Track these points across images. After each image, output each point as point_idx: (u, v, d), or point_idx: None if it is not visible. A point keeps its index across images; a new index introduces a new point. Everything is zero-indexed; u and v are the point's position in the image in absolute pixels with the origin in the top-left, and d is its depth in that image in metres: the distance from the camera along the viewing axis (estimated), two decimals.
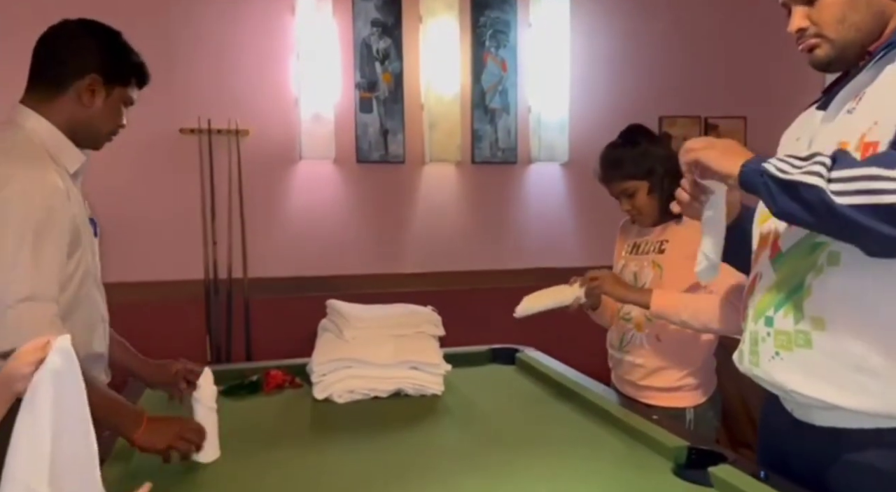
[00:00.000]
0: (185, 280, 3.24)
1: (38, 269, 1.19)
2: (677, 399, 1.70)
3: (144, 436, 1.23)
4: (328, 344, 1.78)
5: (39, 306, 1.18)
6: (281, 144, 3.40)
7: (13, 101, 1.39)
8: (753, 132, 4.06)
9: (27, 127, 1.32)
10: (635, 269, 1.78)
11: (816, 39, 1.11)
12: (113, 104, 1.37)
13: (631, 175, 1.70)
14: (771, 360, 1.11)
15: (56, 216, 1.24)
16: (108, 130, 1.40)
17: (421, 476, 1.25)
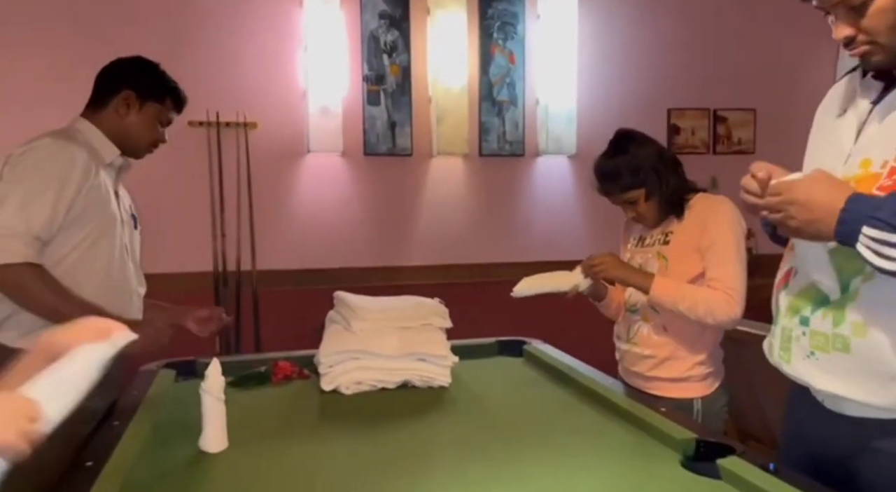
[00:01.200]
0: (194, 272, 3.26)
1: (24, 209, 1.44)
2: (685, 390, 1.69)
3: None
4: (336, 336, 1.78)
5: (14, 239, 1.42)
6: (289, 136, 3.40)
7: None
8: (763, 124, 4.02)
9: (76, 127, 1.66)
10: (640, 260, 1.78)
11: (869, 46, 1.06)
12: (147, 118, 1.68)
13: (629, 186, 1.70)
14: (805, 359, 1.10)
15: (60, 173, 1.48)
16: (145, 142, 1.70)
17: (428, 466, 1.25)
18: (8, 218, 1.43)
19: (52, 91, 3.03)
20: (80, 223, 1.52)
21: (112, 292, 1.59)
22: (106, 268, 1.59)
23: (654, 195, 1.71)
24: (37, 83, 3.07)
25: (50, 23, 3.10)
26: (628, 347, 1.79)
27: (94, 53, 3.04)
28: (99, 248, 1.57)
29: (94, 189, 1.55)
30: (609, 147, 1.75)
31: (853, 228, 0.97)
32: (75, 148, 1.54)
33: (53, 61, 3.08)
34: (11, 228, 1.42)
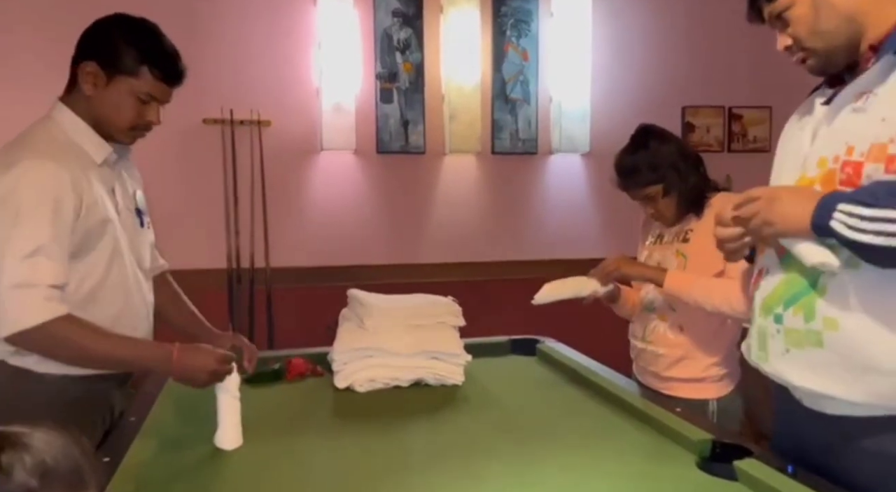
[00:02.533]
0: (208, 269, 3.27)
1: (28, 258, 1.23)
2: (701, 390, 1.68)
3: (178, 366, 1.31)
4: (349, 333, 1.79)
5: (29, 291, 1.23)
6: (302, 134, 3.41)
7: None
8: (779, 123, 3.96)
9: (56, 119, 1.37)
10: (659, 258, 1.77)
11: (803, 53, 1.16)
12: (117, 94, 1.35)
13: (647, 182, 1.69)
14: (781, 356, 1.11)
15: (53, 202, 1.26)
16: (121, 125, 1.38)
17: (442, 465, 1.25)
18: (15, 272, 1.22)
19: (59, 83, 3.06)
20: (83, 251, 1.32)
21: (131, 313, 1.43)
22: (124, 293, 1.41)
23: (672, 192, 1.69)
24: (49, 83, 3.10)
25: (62, 19, 3.13)
26: (644, 346, 1.78)
27: None
28: (113, 274, 1.38)
29: (89, 210, 1.31)
30: (629, 142, 1.74)
31: (829, 208, 1.00)
32: (58, 168, 1.28)
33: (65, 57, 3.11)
34: (23, 282, 1.22)
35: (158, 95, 1.39)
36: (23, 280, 1.22)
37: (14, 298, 1.22)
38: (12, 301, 1.23)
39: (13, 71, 3.08)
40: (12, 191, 1.25)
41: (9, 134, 1.40)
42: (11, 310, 1.23)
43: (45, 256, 1.24)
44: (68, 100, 1.39)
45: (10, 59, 3.08)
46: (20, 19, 3.09)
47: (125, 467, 1.14)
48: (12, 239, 1.23)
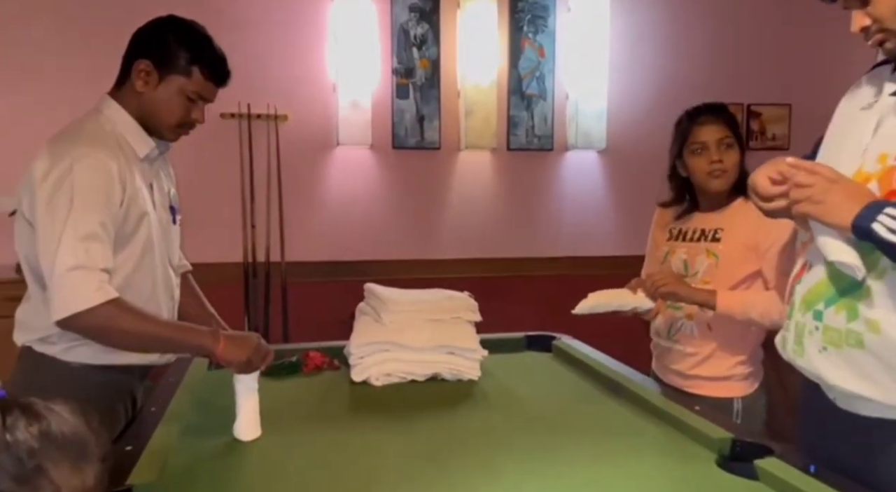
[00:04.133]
0: (224, 263, 3.30)
1: (83, 241, 1.27)
2: (726, 389, 1.67)
3: (224, 352, 1.33)
4: (366, 327, 1.79)
5: (86, 273, 1.27)
6: (319, 129, 3.42)
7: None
8: (799, 120, 3.93)
9: (104, 114, 1.42)
10: (685, 256, 1.73)
11: (881, 34, 1.09)
12: (170, 93, 1.40)
13: (732, 127, 1.67)
14: (818, 353, 1.09)
15: (102, 194, 1.32)
16: (169, 123, 1.44)
17: (459, 459, 1.25)
18: (70, 255, 1.25)
19: (84, 88, 3.09)
20: (121, 241, 1.36)
21: (156, 305, 1.46)
22: (152, 286, 1.45)
23: (739, 161, 1.66)
24: (68, 71, 3.13)
25: (82, 11, 3.16)
26: (669, 345, 1.76)
27: (122, 49, 3.12)
28: (144, 265, 1.42)
29: (131, 200, 1.37)
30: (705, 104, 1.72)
31: (876, 211, 0.98)
32: (106, 156, 1.34)
33: (84, 48, 3.14)
34: (80, 264, 1.26)
35: (206, 95, 1.45)
36: (78, 263, 1.26)
37: (70, 281, 1.26)
38: (68, 284, 1.26)
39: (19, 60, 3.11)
40: (67, 178, 1.29)
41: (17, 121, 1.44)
42: (67, 292, 1.26)
43: (97, 240, 1.29)
44: (117, 95, 1.44)
45: (18, 49, 3.11)
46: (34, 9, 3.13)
47: (147, 455, 1.15)
48: (68, 224, 1.27)
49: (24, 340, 1.42)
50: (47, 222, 1.28)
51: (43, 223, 1.29)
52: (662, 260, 1.76)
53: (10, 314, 2.68)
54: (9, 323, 1.57)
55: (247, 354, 1.33)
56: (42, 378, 1.38)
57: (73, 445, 0.73)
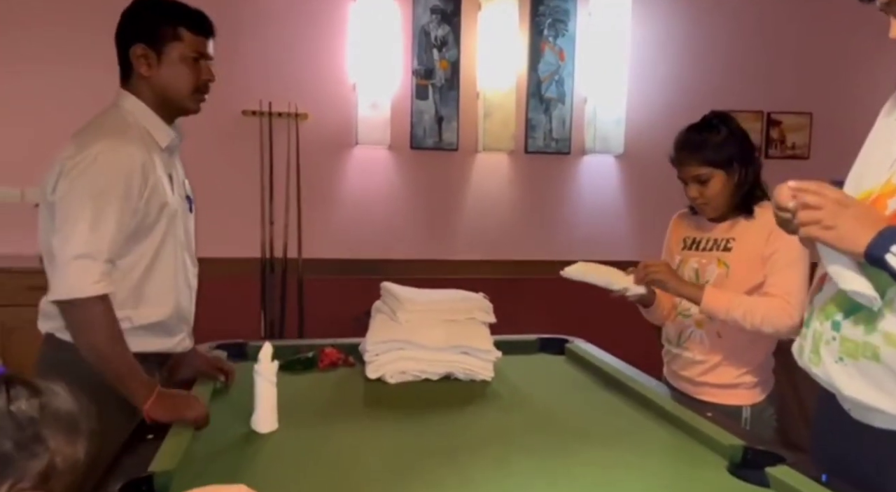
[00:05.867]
0: (242, 258, 3.34)
1: (95, 231, 1.33)
2: (734, 397, 1.67)
3: (153, 407, 1.32)
4: (382, 325, 1.81)
5: (90, 263, 1.32)
6: (338, 128, 3.46)
7: None
8: (819, 129, 3.91)
9: (124, 107, 1.47)
10: (696, 266, 1.73)
11: None
12: (174, 63, 1.44)
13: (709, 161, 1.64)
14: (834, 363, 1.09)
15: (122, 186, 1.36)
16: (187, 90, 1.47)
17: (470, 457, 1.27)
18: (80, 244, 1.31)
19: (108, 82, 3.15)
20: (142, 232, 1.41)
21: (176, 297, 1.51)
22: (173, 274, 1.50)
23: (729, 184, 1.65)
24: (88, 74, 3.18)
25: (103, 14, 3.21)
26: (679, 352, 1.76)
27: None
28: (164, 254, 1.46)
29: (153, 190, 1.42)
30: (701, 120, 1.70)
31: (889, 239, 0.97)
32: (132, 147, 1.39)
33: (103, 54, 3.19)
34: (86, 254, 1.31)
35: (203, 51, 1.48)
36: (85, 252, 1.31)
37: (73, 269, 1.31)
38: (72, 271, 1.32)
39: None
40: (91, 168, 1.34)
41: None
42: (69, 278, 1.32)
43: (109, 231, 1.34)
44: (128, 86, 1.48)
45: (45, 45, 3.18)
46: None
47: (168, 445, 1.18)
48: (85, 212, 1.32)
49: (47, 328, 1.47)
50: (66, 208, 1.34)
51: (61, 208, 1.34)
52: (676, 269, 1.76)
53: (34, 303, 2.75)
54: (32, 311, 1.63)
55: (171, 417, 1.31)
56: (63, 364, 1.39)
57: (67, 418, 0.79)
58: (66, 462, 0.78)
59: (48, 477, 0.77)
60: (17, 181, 3.20)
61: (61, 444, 0.78)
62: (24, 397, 0.77)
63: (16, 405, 0.76)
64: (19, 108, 3.16)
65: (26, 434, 0.75)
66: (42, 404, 0.77)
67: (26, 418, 0.76)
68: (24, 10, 3.17)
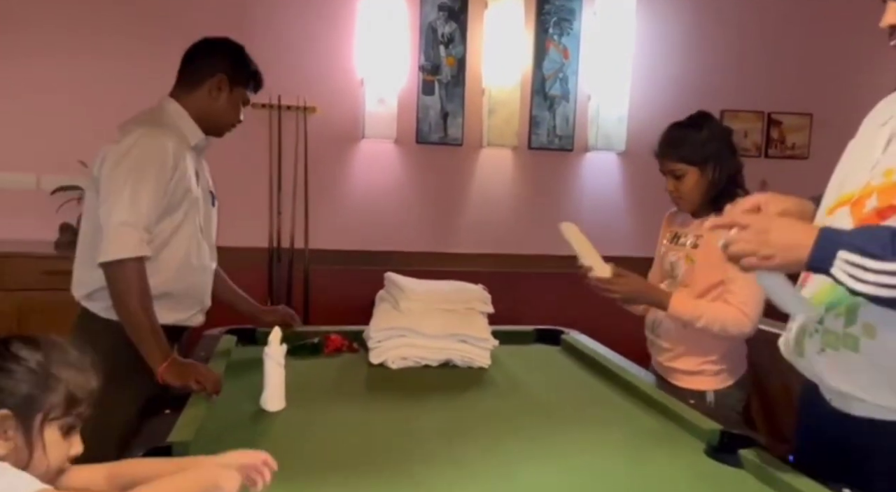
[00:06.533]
0: (250, 247, 3.43)
1: (135, 202, 1.55)
2: (698, 382, 1.77)
3: (166, 371, 1.48)
4: (385, 314, 1.90)
5: (130, 230, 1.54)
6: (345, 122, 3.53)
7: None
8: (819, 130, 3.96)
9: (167, 109, 1.72)
10: (673, 259, 1.84)
11: None
12: (234, 101, 1.74)
13: (685, 158, 1.72)
14: (816, 354, 1.15)
15: (157, 166, 1.58)
16: (228, 122, 1.77)
17: (465, 438, 1.35)
18: (125, 212, 1.52)
19: (122, 73, 3.24)
20: (167, 211, 1.61)
21: (188, 273, 1.68)
22: (185, 252, 1.67)
23: (703, 181, 1.73)
24: (103, 65, 3.27)
25: (119, 9, 3.30)
26: (653, 339, 1.86)
27: (159, 36, 3.24)
28: (181, 233, 1.65)
29: (181, 175, 1.63)
30: (686, 118, 1.79)
31: (829, 252, 1.00)
32: (166, 137, 1.61)
33: (118, 44, 3.28)
34: (129, 222, 1.52)
35: (248, 101, 1.80)
36: (128, 220, 1.54)
37: (119, 233, 1.53)
38: (117, 235, 1.53)
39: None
40: (133, 149, 1.58)
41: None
42: (115, 242, 1.53)
43: (146, 203, 1.56)
44: (177, 95, 1.74)
45: None
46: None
47: (184, 418, 1.27)
48: (127, 185, 1.55)
49: (78, 296, 1.69)
50: (111, 182, 1.56)
51: (107, 182, 1.57)
52: (661, 259, 1.87)
53: (51, 287, 2.85)
54: (47, 295, 1.76)
55: (180, 381, 1.46)
56: (90, 334, 1.57)
57: (71, 354, 0.91)
58: (82, 390, 0.89)
59: (71, 405, 0.87)
60: (32, 169, 3.30)
61: (72, 375, 0.88)
62: (25, 348, 0.87)
63: (21, 354, 0.87)
64: (35, 99, 3.25)
65: (38, 374, 0.86)
66: (44, 350, 0.88)
67: (34, 361, 0.86)
68: (40, 3, 3.25)
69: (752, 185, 4.08)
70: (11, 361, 0.86)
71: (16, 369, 0.86)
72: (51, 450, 0.86)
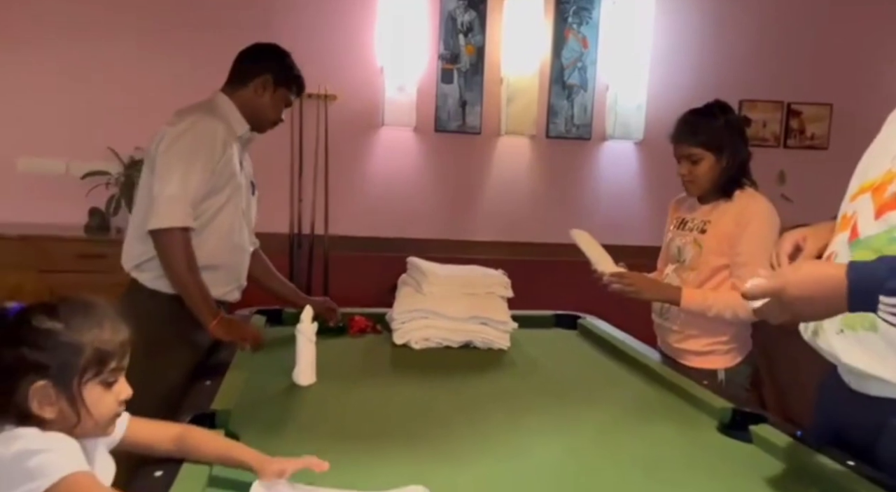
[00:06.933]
0: (272, 233, 3.49)
1: (185, 179, 1.70)
2: (709, 361, 1.82)
3: (216, 327, 1.66)
4: (408, 297, 1.96)
5: (178, 203, 1.68)
6: (365, 110, 3.59)
7: None
8: (839, 121, 3.95)
9: (217, 102, 1.88)
10: (679, 244, 1.89)
11: None
12: (276, 100, 1.89)
13: (703, 143, 1.78)
14: (835, 335, 1.18)
15: (207, 149, 1.73)
16: (269, 119, 1.91)
17: (485, 413, 1.42)
18: (176, 187, 1.68)
19: (148, 62, 3.31)
20: (213, 191, 1.75)
21: (228, 251, 1.82)
22: (227, 230, 1.80)
23: (716, 167, 1.79)
24: (131, 54, 3.35)
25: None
26: (661, 322, 1.92)
27: (186, 27, 3.31)
28: (224, 212, 1.78)
29: (227, 160, 1.77)
30: (704, 106, 1.85)
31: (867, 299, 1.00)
32: (217, 123, 1.77)
33: (146, 34, 3.35)
34: (178, 196, 1.68)
35: (291, 103, 1.95)
36: (179, 193, 1.69)
37: (169, 205, 1.68)
38: (167, 206, 1.68)
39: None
40: (188, 132, 1.73)
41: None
42: (165, 212, 1.67)
43: (194, 181, 1.71)
44: (227, 91, 1.89)
45: None
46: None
47: (224, 389, 1.35)
48: (181, 163, 1.70)
49: (127, 267, 1.81)
50: (166, 161, 1.71)
51: (162, 159, 1.72)
52: (667, 246, 1.93)
53: (82, 269, 2.94)
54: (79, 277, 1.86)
55: (229, 337, 1.66)
56: (136, 304, 1.71)
57: (94, 314, 0.94)
58: (111, 344, 0.93)
59: (103, 362, 0.92)
60: (62, 154, 3.39)
61: (95, 334, 0.92)
62: (47, 319, 0.91)
63: (44, 327, 0.90)
64: (64, 85, 3.34)
65: (63, 344, 0.90)
66: (64, 317, 0.91)
67: (56, 331, 0.90)
68: None
69: (770, 175, 4.13)
70: (35, 334, 0.90)
71: (41, 342, 0.89)
72: (96, 407, 0.91)
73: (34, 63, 3.31)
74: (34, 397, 0.88)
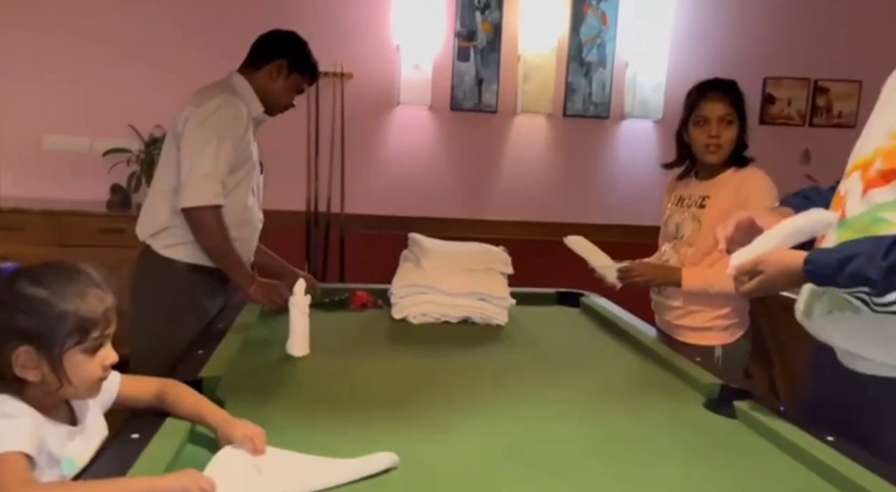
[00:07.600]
0: (289, 211, 3.56)
1: (216, 158, 1.77)
2: (707, 338, 1.81)
3: (255, 292, 1.80)
4: (407, 272, 1.98)
5: (210, 182, 1.77)
6: (381, 88, 3.59)
7: None
8: (868, 98, 3.79)
9: (234, 83, 1.93)
10: (678, 220, 1.87)
11: None
12: (289, 85, 1.95)
13: (736, 105, 1.77)
14: (824, 316, 1.20)
15: (234, 129, 1.81)
16: (281, 103, 1.97)
17: (483, 384, 1.45)
18: (208, 165, 1.76)
19: (167, 42, 3.36)
20: (234, 167, 1.82)
21: (243, 225, 1.90)
22: (242, 205, 1.89)
23: (738, 136, 1.79)
24: (151, 35, 3.40)
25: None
26: (660, 299, 1.90)
27: (203, 7, 3.35)
28: (240, 189, 1.87)
29: (247, 139, 1.86)
30: (714, 78, 1.85)
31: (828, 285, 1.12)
32: (241, 104, 1.84)
33: (164, 15, 3.40)
34: (210, 174, 1.75)
35: (303, 90, 2.01)
36: (210, 172, 1.76)
37: (200, 184, 1.76)
38: (198, 185, 1.75)
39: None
40: (217, 112, 1.79)
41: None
42: (197, 191, 1.75)
43: (224, 160, 1.79)
44: (244, 72, 1.94)
45: None
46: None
47: (215, 358, 1.39)
48: (211, 143, 1.77)
49: (142, 235, 1.88)
50: (195, 140, 1.77)
51: (191, 137, 1.78)
52: (664, 223, 1.90)
53: (103, 244, 3.03)
54: (101, 251, 1.92)
55: (266, 300, 1.80)
56: (150, 270, 1.81)
57: (79, 281, 0.94)
58: (94, 313, 0.93)
59: (86, 330, 0.93)
60: (86, 132, 3.48)
61: (78, 303, 0.92)
62: (31, 285, 0.91)
63: (27, 293, 0.92)
64: (87, 65, 3.42)
65: (44, 311, 0.91)
66: (48, 285, 0.92)
67: (39, 298, 0.91)
68: None
69: (795, 153, 4.04)
70: (19, 299, 0.91)
71: (25, 307, 0.91)
72: (78, 373, 0.93)
73: (58, 47, 3.39)
74: (17, 361, 0.91)
